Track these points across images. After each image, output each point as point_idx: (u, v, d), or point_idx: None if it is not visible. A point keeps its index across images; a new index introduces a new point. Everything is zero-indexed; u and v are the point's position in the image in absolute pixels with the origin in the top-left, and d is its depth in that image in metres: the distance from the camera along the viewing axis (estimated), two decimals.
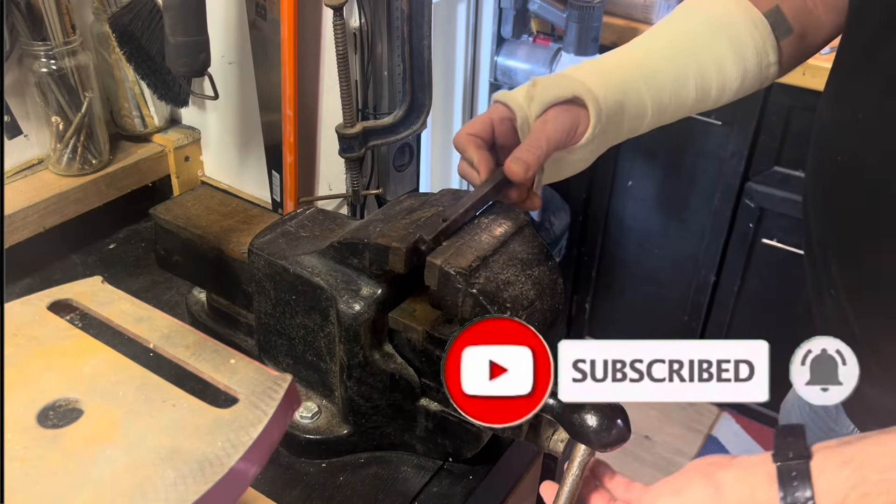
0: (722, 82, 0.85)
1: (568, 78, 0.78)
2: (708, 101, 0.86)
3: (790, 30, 0.85)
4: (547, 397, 0.71)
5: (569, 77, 0.78)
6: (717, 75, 0.84)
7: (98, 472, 0.54)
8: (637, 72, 0.81)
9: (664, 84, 0.82)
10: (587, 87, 0.76)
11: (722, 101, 0.87)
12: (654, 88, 0.81)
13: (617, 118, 0.79)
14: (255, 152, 1.15)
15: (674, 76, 0.82)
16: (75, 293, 0.73)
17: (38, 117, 1.09)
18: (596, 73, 0.79)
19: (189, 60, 0.91)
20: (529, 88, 0.77)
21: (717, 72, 0.84)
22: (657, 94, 0.81)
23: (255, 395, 0.62)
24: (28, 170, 1.12)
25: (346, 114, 0.97)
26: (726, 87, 0.85)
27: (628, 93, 0.79)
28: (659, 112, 0.83)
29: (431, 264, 0.67)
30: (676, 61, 0.83)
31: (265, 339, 0.84)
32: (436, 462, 0.81)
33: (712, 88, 0.85)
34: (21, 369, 0.63)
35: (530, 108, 0.77)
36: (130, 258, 1.13)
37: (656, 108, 0.82)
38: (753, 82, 0.87)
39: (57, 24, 1.03)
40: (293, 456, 0.82)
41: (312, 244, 0.79)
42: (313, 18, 0.98)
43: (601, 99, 0.76)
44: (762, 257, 2.03)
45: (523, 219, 0.74)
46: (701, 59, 0.83)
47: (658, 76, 0.81)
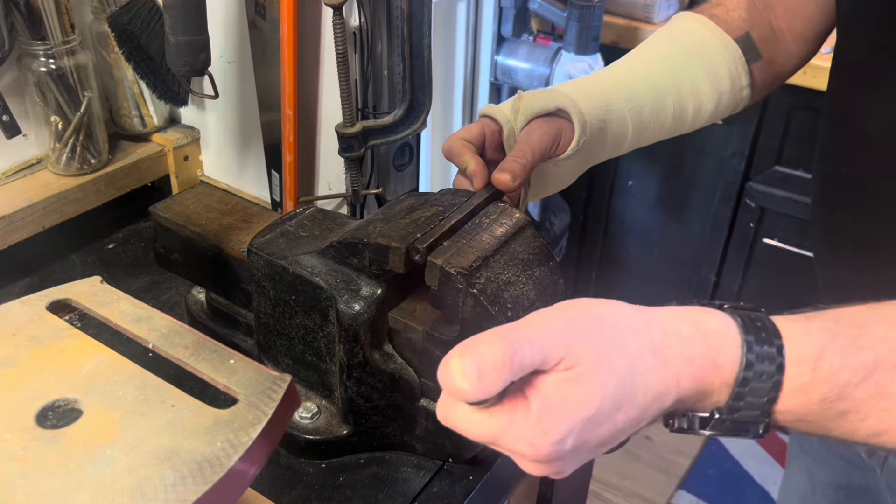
0: (698, 104, 0.87)
1: (552, 91, 0.79)
2: (685, 122, 0.88)
3: (760, 56, 0.89)
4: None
5: (553, 90, 0.79)
6: (694, 97, 0.86)
7: (97, 472, 0.54)
8: (619, 92, 0.83)
9: (644, 104, 0.83)
10: (571, 99, 0.78)
11: (698, 124, 0.90)
12: (635, 108, 0.83)
13: (600, 134, 0.81)
14: (254, 152, 1.15)
15: (653, 97, 0.84)
16: (74, 293, 0.73)
17: (36, 117, 1.09)
18: (579, 89, 0.81)
19: (189, 60, 0.91)
20: (515, 102, 0.79)
21: (693, 94, 0.86)
22: (637, 114, 0.83)
23: (254, 395, 0.62)
24: (27, 169, 1.12)
25: (346, 113, 0.97)
26: (702, 108, 0.87)
27: (610, 111, 0.81)
28: (639, 132, 0.85)
29: (432, 264, 0.67)
30: (655, 82, 0.85)
31: (265, 340, 0.84)
32: (436, 462, 0.81)
33: (689, 110, 0.87)
34: (20, 369, 0.63)
35: (516, 121, 0.78)
36: (130, 258, 1.13)
37: (637, 128, 0.84)
38: (728, 105, 0.89)
39: (56, 24, 1.02)
40: (293, 456, 0.82)
41: (312, 244, 0.79)
42: (313, 18, 0.98)
43: (585, 111, 0.78)
44: (763, 257, 2.03)
45: (524, 219, 0.74)
46: (678, 81, 0.85)
47: (638, 97, 0.83)
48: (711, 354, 0.49)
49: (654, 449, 2.25)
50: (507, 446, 0.47)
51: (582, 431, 0.47)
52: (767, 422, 0.51)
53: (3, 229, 1.02)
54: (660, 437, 2.28)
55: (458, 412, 0.48)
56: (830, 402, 0.50)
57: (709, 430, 0.52)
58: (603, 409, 0.47)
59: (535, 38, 1.74)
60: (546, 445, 0.46)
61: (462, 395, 0.45)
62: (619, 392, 0.47)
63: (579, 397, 0.46)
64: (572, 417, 0.46)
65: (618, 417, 0.48)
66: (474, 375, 0.44)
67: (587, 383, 0.46)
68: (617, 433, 0.49)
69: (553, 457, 0.47)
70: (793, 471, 1.15)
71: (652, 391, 0.48)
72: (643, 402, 0.48)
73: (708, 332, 0.50)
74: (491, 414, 0.47)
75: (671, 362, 0.49)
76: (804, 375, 0.49)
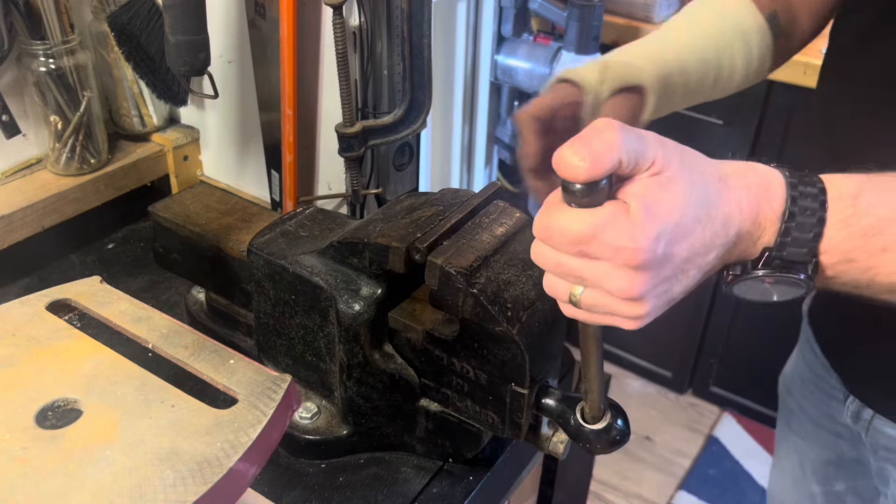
0: (731, 78, 0.92)
1: (632, 66, 0.82)
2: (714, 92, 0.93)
3: (781, 34, 0.94)
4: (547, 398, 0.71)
5: (632, 65, 0.82)
6: (729, 73, 0.91)
7: (97, 472, 0.54)
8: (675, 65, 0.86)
9: (692, 79, 0.88)
10: (650, 77, 0.82)
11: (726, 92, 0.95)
12: (685, 82, 0.87)
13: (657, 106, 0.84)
14: (254, 151, 1.15)
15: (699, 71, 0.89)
16: (74, 293, 0.73)
17: (36, 116, 1.09)
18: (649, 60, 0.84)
19: (189, 59, 0.91)
20: (602, 71, 0.80)
21: (730, 70, 0.91)
22: (684, 86, 0.88)
23: (254, 395, 0.62)
24: (26, 169, 1.11)
25: (346, 113, 0.97)
26: (731, 81, 0.93)
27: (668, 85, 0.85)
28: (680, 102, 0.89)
29: (432, 264, 0.67)
30: (703, 57, 0.89)
31: (264, 340, 0.84)
32: (436, 463, 0.81)
33: (722, 82, 0.91)
34: (19, 369, 0.63)
35: (601, 91, 0.79)
36: (129, 258, 1.13)
37: (681, 99, 0.89)
38: (750, 79, 0.94)
39: (55, 24, 1.02)
40: (293, 456, 0.82)
41: (312, 244, 0.79)
42: (313, 17, 0.98)
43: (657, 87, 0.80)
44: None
45: (524, 218, 0.74)
46: (721, 59, 0.90)
47: (689, 71, 0.87)
48: (765, 183, 0.54)
49: (654, 449, 2.25)
50: (609, 240, 0.49)
51: (672, 236, 0.50)
52: (815, 261, 0.55)
53: (3, 229, 1.02)
54: (660, 438, 2.28)
55: (561, 213, 0.50)
56: (872, 236, 0.54)
57: (761, 267, 0.55)
58: (688, 218, 0.50)
59: (536, 38, 1.74)
60: (645, 240, 0.48)
61: (575, 172, 0.47)
62: (699, 205, 0.51)
63: (670, 200, 0.49)
64: (665, 218, 0.49)
65: (697, 231, 0.51)
66: (587, 153, 0.47)
67: (676, 188, 0.50)
68: (694, 253, 0.51)
69: (648, 258, 0.49)
70: (782, 453, 1.17)
71: (722, 212, 0.52)
72: (715, 222, 0.52)
73: (760, 171, 0.56)
74: (593, 211, 0.49)
75: (735, 189, 0.53)
76: (846, 210, 0.54)
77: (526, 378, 0.68)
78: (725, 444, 2.25)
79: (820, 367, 1.01)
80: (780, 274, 0.55)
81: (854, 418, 0.95)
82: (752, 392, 2.26)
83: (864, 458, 0.98)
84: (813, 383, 1.03)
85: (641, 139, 0.49)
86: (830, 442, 1.03)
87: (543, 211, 0.51)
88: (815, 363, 1.02)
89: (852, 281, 0.56)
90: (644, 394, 2.42)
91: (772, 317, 2.05)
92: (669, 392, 2.42)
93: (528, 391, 0.68)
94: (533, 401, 0.70)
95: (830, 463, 1.05)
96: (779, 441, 1.18)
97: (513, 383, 0.69)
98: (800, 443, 1.10)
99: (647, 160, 0.49)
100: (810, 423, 1.06)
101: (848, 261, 0.55)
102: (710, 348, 2.27)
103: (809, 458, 1.08)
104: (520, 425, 0.71)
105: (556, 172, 0.48)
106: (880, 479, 0.95)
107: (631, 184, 0.50)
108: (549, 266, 0.52)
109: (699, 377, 2.36)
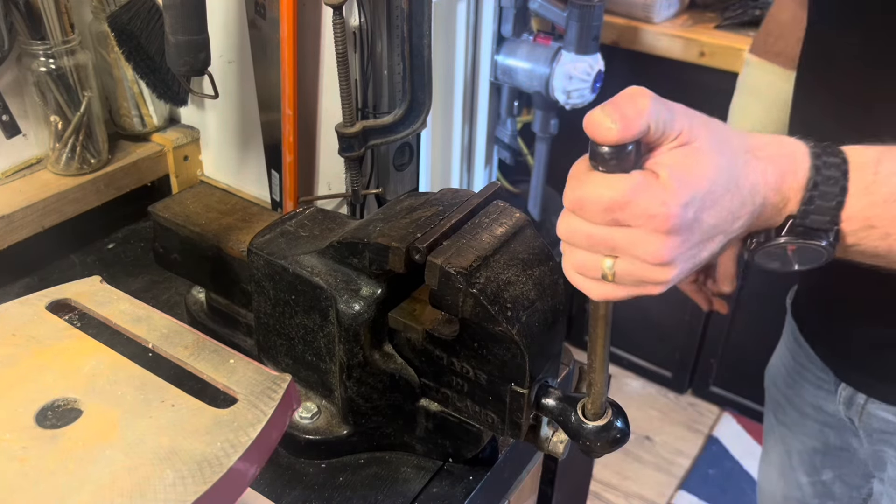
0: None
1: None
2: None
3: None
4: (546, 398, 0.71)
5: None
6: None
7: (97, 472, 0.54)
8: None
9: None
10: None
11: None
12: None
13: None
14: (254, 152, 1.15)
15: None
16: (74, 293, 0.73)
17: (36, 116, 1.09)
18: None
19: (189, 59, 0.91)
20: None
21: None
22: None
23: (254, 395, 0.62)
24: (27, 169, 1.11)
25: (346, 113, 0.97)
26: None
27: None
28: None
29: (432, 264, 0.67)
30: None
31: (264, 339, 0.84)
32: (436, 462, 0.81)
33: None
34: (19, 369, 0.63)
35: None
36: (129, 258, 1.13)
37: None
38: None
39: (55, 24, 1.02)
40: (293, 456, 0.82)
41: (312, 244, 0.79)
42: (313, 17, 0.98)
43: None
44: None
45: (524, 219, 0.73)
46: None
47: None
48: (789, 154, 0.56)
49: (654, 449, 2.25)
50: (642, 206, 0.50)
51: (702, 203, 0.51)
52: (837, 229, 0.56)
53: (3, 229, 1.02)
54: (660, 438, 2.28)
55: (592, 181, 0.51)
56: (892, 202, 0.56)
57: (784, 234, 0.57)
58: (717, 186, 0.51)
59: (536, 38, 1.74)
60: (676, 206, 0.50)
61: (607, 134, 0.49)
62: (727, 175, 0.52)
63: (699, 169, 0.51)
64: (695, 185, 0.50)
65: (725, 200, 0.52)
66: (618, 116, 0.48)
67: (705, 157, 0.51)
68: (722, 220, 0.53)
69: (679, 223, 0.50)
70: (769, 445, 1.17)
71: (749, 181, 0.53)
72: (743, 190, 0.53)
73: (785, 142, 0.57)
74: (625, 176, 0.50)
75: (762, 160, 0.55)
76: (867, 178, 0.56)
77: (526, 378, 0.68)
78: (725, 443, 2.25)
79: (804, 357, 1.02)
80: (802, 241, 0.56)
81: (847, 404, 0.95)
82: (751, 392, 2.26)
83: (851, 446, 0.99)
84: (798, 374, 1.04)
85: (670, 109, 0.51)
86: (816, 431, 1.04)
87: (572, 182, 0.52)
88: (799, 354, 1.04)
89: (871, 249, 0.58)
90: (644, 394, 2.42)
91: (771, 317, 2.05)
92: (669, 392, 2.42)
93: (528, 391, 0.68)
94: (533, 401, 0.70)
95: (817, 452, 1.06)
96: (766, 434, 1.19)
97: (513, 383, 0.69)
98: (786, 433, 1.11)
99: (674, 130, 0.51)
100: (796, 412, 1.07)
101: (869, 227, 0.57)
102: (710, 348, 2.27)
103: (796, 449, 1.10)
104: (520, 425, 0.71)
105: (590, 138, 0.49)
106: (875, 463, 0.95)
107: (659, 154, 0.51)
108: (579, 239, 0.53)
109: (699, 377, 2.36)
